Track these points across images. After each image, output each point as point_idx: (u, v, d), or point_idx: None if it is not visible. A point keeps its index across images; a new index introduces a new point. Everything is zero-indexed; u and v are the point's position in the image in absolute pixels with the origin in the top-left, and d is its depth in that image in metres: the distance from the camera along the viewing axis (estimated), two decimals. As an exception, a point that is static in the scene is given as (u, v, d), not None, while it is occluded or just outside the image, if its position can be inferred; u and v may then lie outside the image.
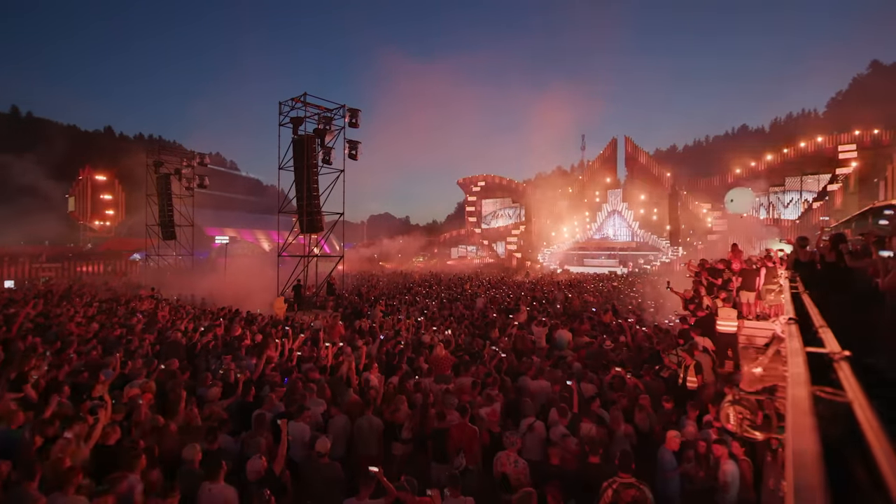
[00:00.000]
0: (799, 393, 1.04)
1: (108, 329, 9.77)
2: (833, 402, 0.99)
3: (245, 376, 6.29)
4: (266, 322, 11.01)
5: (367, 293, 19.66)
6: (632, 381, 6.39)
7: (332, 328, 9.92)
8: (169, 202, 20.89)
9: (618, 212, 49.41)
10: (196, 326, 9.89)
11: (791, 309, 2.22)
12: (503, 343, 9.47)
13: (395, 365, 7.27)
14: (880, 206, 8.22)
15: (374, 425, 5.10)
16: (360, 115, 14.84)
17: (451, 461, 4.46)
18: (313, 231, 14.67)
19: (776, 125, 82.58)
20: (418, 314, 13.26)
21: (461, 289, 21.93)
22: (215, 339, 8.81)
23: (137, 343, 8.14)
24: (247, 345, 7.98)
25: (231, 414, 5.53)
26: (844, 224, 10.29)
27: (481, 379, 6.66)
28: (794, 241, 6.77)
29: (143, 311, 12.72)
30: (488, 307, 15.77)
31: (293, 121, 14.58)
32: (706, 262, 9.46)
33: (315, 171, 14.46)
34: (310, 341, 9.08)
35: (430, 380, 6.63)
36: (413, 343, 8.88)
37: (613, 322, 11.33)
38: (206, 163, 21.16)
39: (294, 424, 4.93)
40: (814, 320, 2.22)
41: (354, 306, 15.49)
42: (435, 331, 9.80)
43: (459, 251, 62.59)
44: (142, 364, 6.75)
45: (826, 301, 4.35)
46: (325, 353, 7.55)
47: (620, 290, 22.68)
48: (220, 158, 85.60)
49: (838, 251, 5.20)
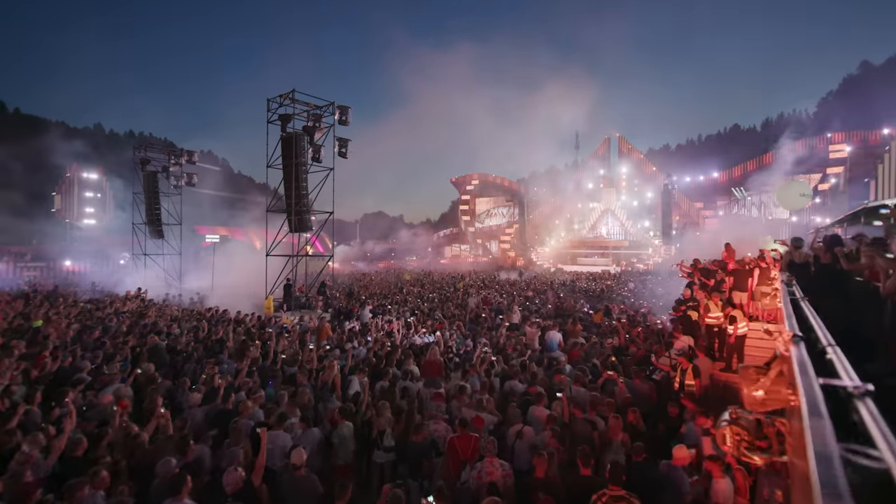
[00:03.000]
0: (823, 451, 0.84)
1: (89, 331, 9.48)
2: (866, 468, 0.80)
3: (226, 381, 6.09)
4: (253, 323, 10.75)
5: (358, 293, 19.44)
6: (623, 385, 6.25)
7: (319, 329, 9.68)
8: (156, 200, 20.47)
9: (611, 210, 49.48)
10: (181, 329, 9.64)
11: (793, 321, 2.07)
12: (495, 344, 9.35)
13: (382, 369, 7.07)
14: (874, 206, 8.14)
15: (345, 433, 4.92)
16: (349, 112, 14.60)
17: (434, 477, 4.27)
18: (302, 230, 14.40)
19: (767, 125, 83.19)
20: (409, 314, 13.08)
21: (453, 288, 21.78)
22: (199, 342, 8.58)
23: (115, 347, 7.88)
24: (230, 347, 7.74)
25: (211, 422, 5.33)
26: (836, 224, 10.23)
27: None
28: (788, 242, 6.68)
29: (127, 313, 12.43)
30: (480, 307, 15.64)
31: (281, 118, 14.28)
32: (698, 263, 9.36)
33: (304, 169, 14.19)
34: (296, 343, 8.87)
35: (419, 384, 6.45)
36: (403, 345, 8.68)
37: (605, 323, 11.22)
38: (194, 160, 20.75)
39: (274, 433, 4.75)
40: (820, 336, 2.04)
41: (344, 306, 15.28)
42: (424, 332, 9.61)
43: (453, 250, 62.41)
44: (119, 369, 6.52)
45: (820, 304, 4.24)
46: (309, 356, 7.34)
47: (614, 289, 22.62)
48: (212, 157, 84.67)
49: (833, 253, 5.08)
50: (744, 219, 42.20)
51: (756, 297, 8.58)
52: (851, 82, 74.68)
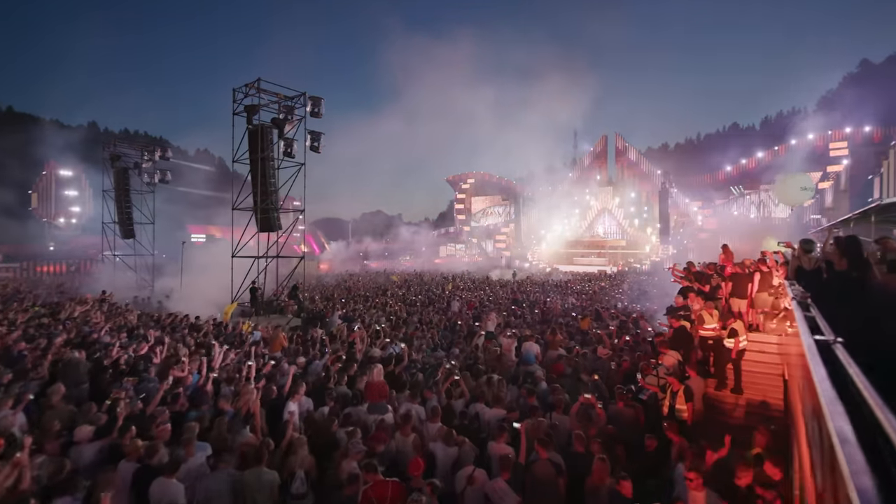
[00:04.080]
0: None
1: (31, 340, 8.52)
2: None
3: (136, 409, 5.17)
4: (206, 331, 9.79)
5: (335, 296, 18.51)
6: (601, 412, 5.33)
7: (273, 339, 8.72)
8: (126, 198, 19.45)
9: (608, 210, 48.65)
10: (118, 338, 8.69)
11: (825, 386, 1.19)
12: (468, 356, 8.44)
13: (331, 388, 6.13)
14: (889, 203, 7.23)
15: (266, 480, 3.94)
16: (322, 103, 13.57)
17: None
18: (269, 230, 13.42)
19: (767, 123, 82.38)
20: (384, 320, 12.14)
21: (441, 290, 20.88)
22: (137, 357, 7.63)
23: (35, 361, 6.94)
24: (157, 364, 6.79)
25: (105, 461, 4.40)
26: (842, 223, 9.34)
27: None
28: (794, 245, 5.76)
29: (76, 319, 11.44)
30: (463, 311, 14.73)
31: (247, 109, 13.22)
32: (692, 266, 8.46)
33: (271, 164, 13.22)
34: (245, 356, 7.94)
35: (362, 409, 5.52)
36: (361, 359, 7.73)
37: (592, 330, 10.30)
38: (167, 156, 19.73)
39: (164, 483, 3.82)
40: (866, 395, 1.19)
41: (319, 311, 14.34)
42: (389, 342, 8.67)
43: (448, 249, 61.51)
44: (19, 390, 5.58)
45: (834, 317, 3.35)
46: (244, 371, 6.40)
47: (607, 291, 21.72)
48: (209, 155, 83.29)
49: (853, 258, 4.19)
50: (742, 218, 41.46)
51: (756, 304, 7.69)
52: (852, 80, 73.78)
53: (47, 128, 56.78)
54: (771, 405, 6.04)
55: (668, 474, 4.49)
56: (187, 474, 4.08)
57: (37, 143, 39.16)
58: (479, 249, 57.72)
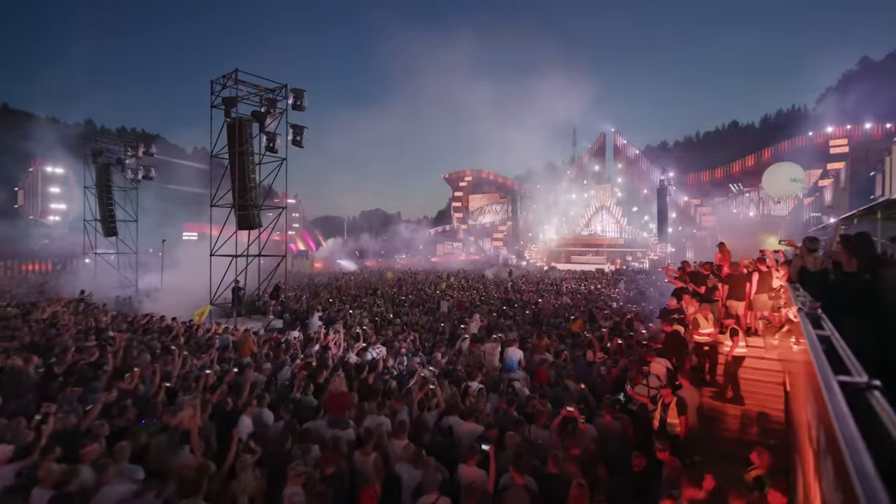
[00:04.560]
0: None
1: None
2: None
3: (69, 423, 4.67)
4: (175, 334, 9.27)
5: (320, 295, 18.00)
6: (585, 427, 4.84)
7: (241, 343, 8.21)
8: (108, 195, 18.90)
9: (606, 207, 48.16)
10: (80, 344, 8.18)
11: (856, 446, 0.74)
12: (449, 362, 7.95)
13: (288, 400, 5.63)
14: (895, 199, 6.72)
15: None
16: (304, 96, 13.04)
17: None
18: (248, 227, 12.88)
19: (766, 121, 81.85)
20: (367, 322, 11.65)
21: (434, 289, 20.40)
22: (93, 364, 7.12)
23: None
24: (107, 371, 6.27)
25: (22, 488, 3.90)
26: (844, 221, 8.82)
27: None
28: (795, 243, 5.28)
29: (44, 320, 10.89)
30: (453, 312, 14.25)
31: (225, 101, 12.68)
32: (687, 266, 7.97)
33: (250, 158, 12.70)
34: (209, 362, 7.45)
35: (321, 423, 5.02)
36: (334, 365, 7.23)
37: (584, 333, 9.81)
38: (151, 152, 19.19)
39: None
40: None
41: (303, 311, 13.84)
42: (364, 347, 8.18)
43: (445, 247, 60.99)
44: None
45: (842, 326, 2.87)
46: (203, 379, 5.91)
47: (602, 291, 21.22)
48: (206, 153, 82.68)
49: (863, 258, 3.71)
50: (741, 216, 41.04)
51: (755, 307, 7.20)
52: (851, 78, 73.18)
53: (42, 125, 56.15)
54: (771, 417, 5.55)
55: (655, 501, 4.01)
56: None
57: (27, 140, 38.50)
58: (476, 247, 57.23)
